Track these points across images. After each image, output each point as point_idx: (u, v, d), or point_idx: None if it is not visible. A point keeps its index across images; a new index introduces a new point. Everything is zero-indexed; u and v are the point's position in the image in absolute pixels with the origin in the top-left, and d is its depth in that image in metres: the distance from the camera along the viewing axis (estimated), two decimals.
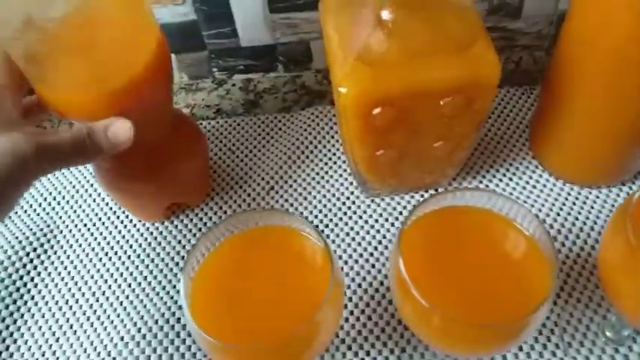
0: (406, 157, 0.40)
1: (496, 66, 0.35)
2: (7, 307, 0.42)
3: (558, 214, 0.44)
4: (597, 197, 0.45)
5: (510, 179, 0.47)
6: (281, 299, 0.28)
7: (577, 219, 0.43)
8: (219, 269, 0.29)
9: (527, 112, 0.51)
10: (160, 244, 0.45)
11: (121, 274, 0.43)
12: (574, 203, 0.44)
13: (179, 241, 0.45)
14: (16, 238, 0.46)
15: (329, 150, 0.50)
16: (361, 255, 0.43)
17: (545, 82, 0.44)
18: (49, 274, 0.44)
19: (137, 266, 0.44)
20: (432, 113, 0.36)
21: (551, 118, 0.44)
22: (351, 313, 0.40)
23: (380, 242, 0.44)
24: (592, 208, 0.44)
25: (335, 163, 0.49)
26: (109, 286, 0.43)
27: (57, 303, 0.42)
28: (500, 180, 0.47)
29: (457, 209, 0.30)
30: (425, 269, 0.27)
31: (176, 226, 0.46)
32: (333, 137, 0.51)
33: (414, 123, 0.37)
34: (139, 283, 0.43)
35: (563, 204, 0.44)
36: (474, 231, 0.30)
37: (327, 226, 0.45)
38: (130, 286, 0.43)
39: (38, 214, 0.47)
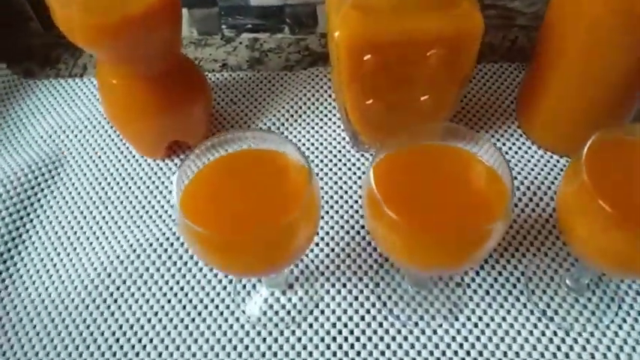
0: (394, 110, 0.43)
1: (479, 22, 0.37)
2: (13, 221, 0.45)
3: (536, 178, 0.46)
4: None
5: (494, 144, 0.49)
6: (264, 206, 0.31)
7: (553, 183, 0.46)
8: (208, 180, 0.32)
9: (517, 86, 0.53)
10: (159, 178, 0.48)
11: (121, 202, 0.46)
12: (551, 169, 0.47)
13: None
14: (27, 164, 0.49)
15: (325, 107, 0.53)
16: (346, 201, 0.46)
17: (533, 54, 0.46)
18: (55, 197, 0.47)
19: (137, 196, 0.47)
20: (418, 63, 0.39)
21: (535, 88, 0.46)
22: (327, 244, 0.43)
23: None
24: None
25: (330, 119, 0.52)
26: (109, 212, 0.46)
27: (60, 223, 0.45)
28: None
29: (428, 145, 0.33)
30: (393, 190, 0.30)
31: (176, 164, 0.49)
32: (330, 96, 0.53)
33: (402, 72, 0.40)
34: (137, 211, 0.46)
35: (542, 169, 0.47)
36: (441, 163, 0.33)
37: (317, 174, 0.48)
38: (128, 212, 0.46)
39: (48, 144, 0.51)
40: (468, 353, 0.38)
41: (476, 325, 0.39)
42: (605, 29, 0.38)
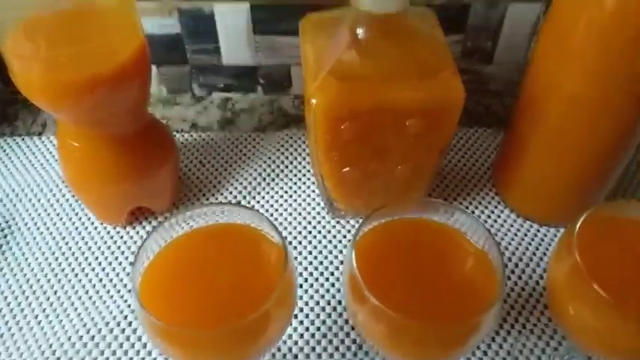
0: (371, 178, 0.41)
1: (460, 92, 0.36)
2: None
3: (517, 248, 0.45)
4: (555, 235, 0.46)
5: (472, 212, 0.48)
6: (233, 294, 0.28)
7: (534, 254, 0.44)
8: (172, 261, 0.29)
9: (493, 151, 0.53)
10: (119, 248, 0.44)
11: (76, 275, 0.42)
12: (532, 239, 0.45)
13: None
14: None
15: (299, 171, 0.51)
16: (322, 273, 0.43)
17: (509, 123, 0.46)
18: (1, 268, 0.43)
19: (93, 268, 0.43)
20: (397, 133, 0.38)
21: (512, 156, 0.46)
22: (301, 322, 0.40)
23: (342, 262, 0.44)
24: (549, 245, 0.45)
25: (304, 183, 0.50)
26: (62, 286, 0.42)
27: (6, 298, 0.41)
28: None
29: (412, 220, 0.31)
30: (377, 273, 0.28)
31: (137, 232, 0.45)
32: (304, 159, 0.52)
33: (380, 141, 0.38)
34: (94, 285, 0.42)
35: (522, 239, 0.46)
36: (427, 242, 0.31)
37: (290, 243, 0.45)
38: (84, 287, 0.42)
39: None
40: None
41: None
42: (583, 106, 0.38)
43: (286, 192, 0.49)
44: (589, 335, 0.30)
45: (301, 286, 0.42)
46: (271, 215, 0.47)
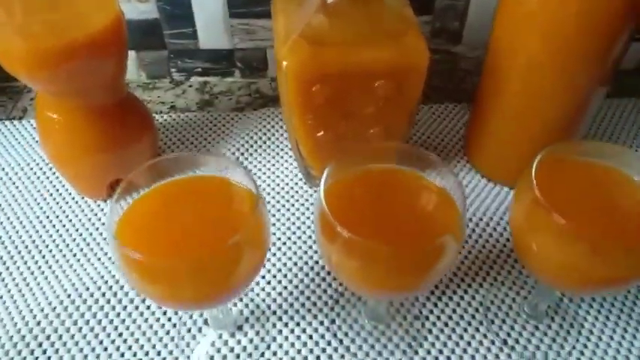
0: (345, 142, 0.43)
1: (424, 54, 0.38)
2: None
3: (487, 208, 0.46)
4: None
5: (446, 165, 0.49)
6: (206, 234, 0.29)
7: (505, 213, 0.46)
8: (147, 207, 0.30)
9: (465, 124, 0.55)
10: (99, 219, 0.45)
11: (57, 246, 0.43)
12: (503, 201, 0.47)
13: None
14: None
15: (277, 146, 0.52)
16: (300, 237, 0.44)
17: (476, 93, 0.48)
18: None
19: (74, 239, 0.44)
20: (366, 95, 0.39)
21: (480, 124, 0.48)
22: (280, 282, 0.41)
23: None
24: None
25: (282, 157, 0.51)
26: (43, 257, 0.42)
27: None
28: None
29: (382, 168, 0.32)
30: (346, 212, 0.29)
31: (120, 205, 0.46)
32: (282, 135, 0.53)
33: (351, 104, 0.40)
34: (74, 254, 0.42)
35: (493, 200, 0.47)
36: (393, 183, 0.32)
37: (269, 211, 0.46)
38: (64, 256, 0.42)
39: None
40: None
41: (436, 359, 0.37)
42: (541, 67, 0.40)
43: (264, 165, 0.50)
44: (553, 269, 0.32)
45: (279, 249, 0.43)
46: None
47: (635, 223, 0.31)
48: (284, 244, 0.44)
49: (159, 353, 0.37)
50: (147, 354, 0.37)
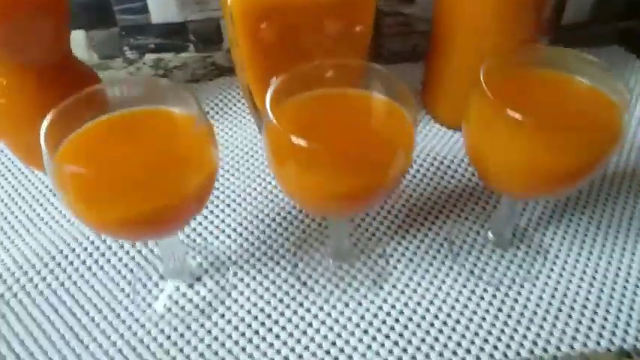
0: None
1: None
2: None
3: (448, 152, 0.46)
4: None
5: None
6: (147, 156, 0.28)
7: (464, 159, 0.46)
8: (90, 135, 0.29)
9: (421, 80, 0.55)
10: (50, 190, 0.43)
11: (5, 218, 0.41)
12: (460, 145, 0.47)
13: None
14: None
15: (235, 112, 0.51)
16: (260, 192, 0.43)
17: (429, 47, 0.48)
18: None
19: (24, 210, 0.42)
20: (316, 34, 0.39)
21: (433, 79, 0.48)
22: (240, 234, 0.39)
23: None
24: None
25: (240, 121, 0.50)
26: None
27: None
28: None
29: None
30: (297, 126, 0.28)
31: None
32: (239, 101, 0.52)
33: (302, 45, 0.39)
34: (23, 225, 0.41)
35: (452, 146, 0.47)
36: (344, 103, 0.31)
37: (227, 170, 0.45)
38: (12, 227, 0.41)
39: None
40: (397, 320, 0.34)
41: (402, 292, 0.36)
42: (483, 19, 0.40)
43: (222, 129, 0.49)
44: (507, 170, 0.31)
45: (239, 204, 0.42)
46: None
47: (580, 114, 0.31)
48: (244, 199, 0.42)
49: (113, 310, 0.35)
50: (100, 312, 0.35)
